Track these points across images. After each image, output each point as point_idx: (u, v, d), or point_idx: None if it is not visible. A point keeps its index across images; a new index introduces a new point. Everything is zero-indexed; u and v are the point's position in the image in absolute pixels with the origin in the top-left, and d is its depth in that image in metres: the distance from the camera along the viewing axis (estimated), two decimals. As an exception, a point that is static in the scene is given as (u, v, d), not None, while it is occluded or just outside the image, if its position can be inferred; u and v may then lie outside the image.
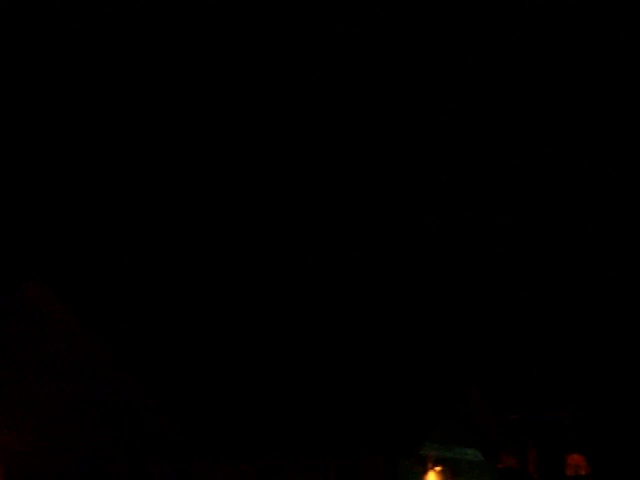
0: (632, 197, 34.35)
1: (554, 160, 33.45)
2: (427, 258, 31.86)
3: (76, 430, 25.84)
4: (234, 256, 30.96)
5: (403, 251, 31.43)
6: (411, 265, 31.35)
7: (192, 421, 27.03)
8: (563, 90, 32.28)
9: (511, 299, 35.05)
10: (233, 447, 26.76)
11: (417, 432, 26.91)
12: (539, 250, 34.60)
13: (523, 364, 35.54)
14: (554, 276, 35.15)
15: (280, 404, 27.49)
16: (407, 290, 29.84)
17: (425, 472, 27.76)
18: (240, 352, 28.84)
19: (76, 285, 26.86)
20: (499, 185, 33.98)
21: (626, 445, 36.86)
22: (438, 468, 28.35)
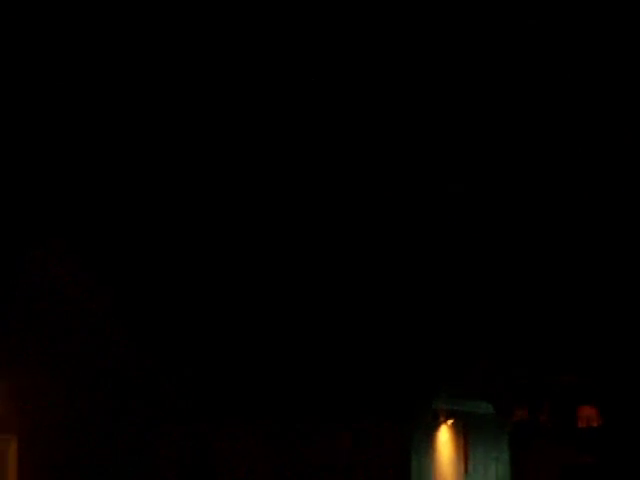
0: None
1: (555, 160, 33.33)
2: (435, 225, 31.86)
3: (85, 394, 26.07)
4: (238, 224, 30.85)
5: (412, 220, 31.36)
6: (421, 230, 31.34)
7: (205, 383, 27.16)
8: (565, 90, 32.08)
9: (520, 257, 35.01)
10: (243, 410, 26.87)
11: (428, 386, 26.96)
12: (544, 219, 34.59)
13: (535, 317, 35.43)
14: (565, 237, 35.12)
15: (291, 365, 27.48)
16: (415, 253, 29.77)
17: (437, 426, 27.87)
18: (251, 312, 28.92)
19: (97, 244, 26.97)
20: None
21: (638, 397, 36.85)
22: (450, 422, 28.43)
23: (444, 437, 28.48)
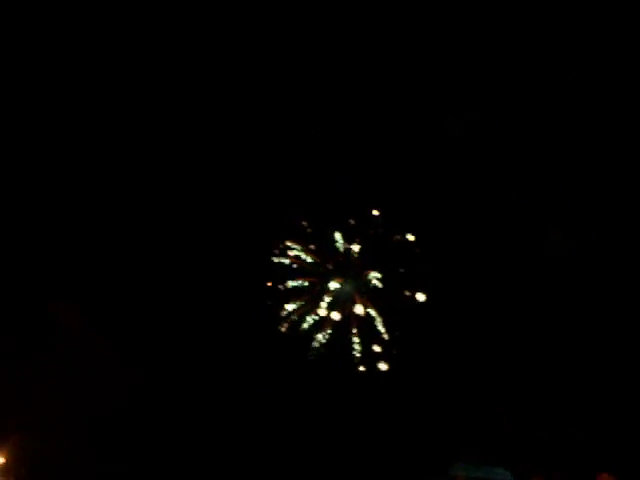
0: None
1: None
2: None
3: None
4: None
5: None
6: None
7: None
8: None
9: (534, 313, 27.81)
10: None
11: (446, 452, 31.94)
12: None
13: (549, 380, 26.96)
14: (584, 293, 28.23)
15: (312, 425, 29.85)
16: (434, 315, 28.95)
17: (453, 492, 31.71)
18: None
19: (103, 306, 27.27)
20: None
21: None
22: (467, 487, 31.46)
23: (462, 502, 31.86)
